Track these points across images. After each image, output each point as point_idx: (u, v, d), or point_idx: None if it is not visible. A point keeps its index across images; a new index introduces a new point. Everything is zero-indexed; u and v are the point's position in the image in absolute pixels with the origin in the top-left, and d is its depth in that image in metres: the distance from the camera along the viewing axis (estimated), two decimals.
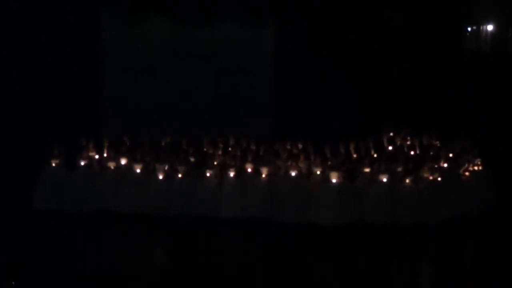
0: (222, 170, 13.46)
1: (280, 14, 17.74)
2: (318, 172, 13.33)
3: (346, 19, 17.79)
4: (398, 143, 15.20)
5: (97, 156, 13.87)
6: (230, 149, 14.46)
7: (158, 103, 17.63)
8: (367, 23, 17.92)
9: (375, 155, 14.43)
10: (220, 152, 14.20)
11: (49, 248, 11.56)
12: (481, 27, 19.47)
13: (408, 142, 15.18)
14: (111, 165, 13.55)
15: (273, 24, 17.75)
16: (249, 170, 13.45)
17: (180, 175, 13.28)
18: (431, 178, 13.34)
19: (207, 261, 11.30)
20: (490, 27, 19.39)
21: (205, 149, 14.48)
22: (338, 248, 12.04)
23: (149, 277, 10.62)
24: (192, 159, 13.77)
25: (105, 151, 14.01)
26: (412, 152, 14.79)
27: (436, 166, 13.68)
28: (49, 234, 12.21)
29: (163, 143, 14.55)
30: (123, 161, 13.60)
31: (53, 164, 13.47)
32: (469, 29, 19.78)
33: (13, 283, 10.00)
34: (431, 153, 14.53)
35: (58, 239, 11.99)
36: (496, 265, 11.32)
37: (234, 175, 13.27)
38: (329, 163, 13.50)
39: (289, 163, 13.53)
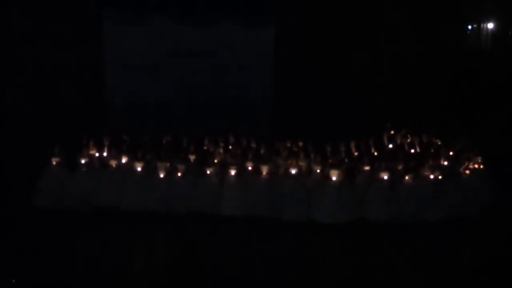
0: (222, 168, 13.47)
1: (281, 12, 17.74)
2: (318, 170, 13.36)
3: (347, 17, 17.82)
4: (399, 141, 15.24)
5: (98, 155, 13.86)
6: (230, 147, 14.49)
7: (159, 101, 17.63)
8: (367, 21, 17.95)
9: (375, 153, 14.48)
10: (220, 150, 14.22)
11: (50, 247, 11.57)
12: (481, 25, 19.42)
13: (409, 140, 15.21)
14: (112, 163, 13.57)
15: (273, 22, 17.77)
16: (250, 168, 13.49)
17: (180, 173, 13.34)
18: (431, 176, 13.37)
19: (207, 259, 11.36)
20: (490, 25, 19.38)
21: (205, 147, 14.50)
22: (338, 246, 12.13)
23: (151, 274, 10.69)
24: (192, 157, 13.80)
25: (106, 149, 14.01)
26: (412, 150, 14.84)
27: (436, 164, 13.67)
28: (50, 232, 12.23)
29: (164, 141, 14.57)
30: (124, 159, 13.63)
31: (54, 163, 13.50)
32: (469, 27, 19.75)
33: (13, 281, 10.06)
34: (432, 151, 14.48)
35: (59, 237, 12.03)
36: (496, 263, 11.42)
37: (235, 174, 13.30)
38: (329, 161, 13.52)
39: (289, 161, 13.57)
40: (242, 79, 17.82)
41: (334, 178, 13.16)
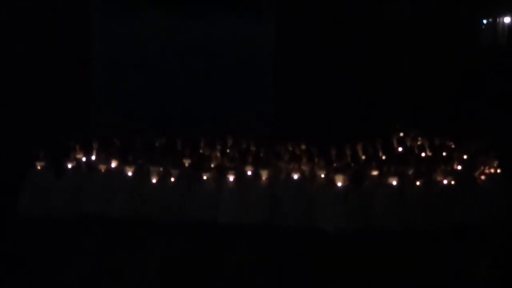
0: (219, 173, 13.42)
1: (282, 7, 17.88)
2: (322, 175, 13.29)
3: (352, 12, 18.03)
4: (409, 143, 15.21)
5: (85, 159, 13.81)
6: (228, 150, 14.44)
7: (151, 101, 17.61)
8: (375, 16, 18.21)
9: (383, 157, 14.43)
10: (217, 154, 14.16)
11: (35, 258, 11.52)
12: (497, 20, 19.53)
13: (419, 143, 15.17)
14: (101, 168, 13.50)
15: (274, 17, 17.96)
16: (249, 172, 13.41)
17: (174, 179, 13.31)
18: (444, 181, 13.33)
19: (203, 271, 11.26)
20: (507, 20, 19.49)
21: (201, 151, 14.46)
22: (343, 256, 12.02)
23: (141, 286, 10.70)
24: (187, 161, 13.68)
25: (95, 152, 13.97)
26: (423, 154, 14.79)
27: (449, 168, 13.66)
28: (35, 242, 12.17)
29: (156, 144, 14.54)
30: (114, 164, 13.54)
31: (39, 167, 13.40)
32: (484, 21, 19.85)
33: None
34: (444, 154, 14.49)
35: (45, 247, 11.96)
36: None
37: (233, 179, 13.24)
38: (334, 165, 13.47)
39: (291, 165, 13.53)
40: (241, 76, 17.95)
41: (339, 184, 13.09)
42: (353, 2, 17.94)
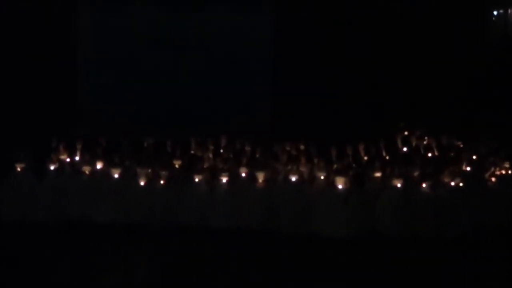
0: (212, 175, 13.28)
1: (281, 4, 17.80)
2: (322, 177, 13.16)
3: (354, 3, 17.92)
4: (414, 143, 15.11)
5: (69, 160, 13.71)
6: (222, 151, 14.34)
7: (140, 98, 17.57)
8: (377, 9, 18.04)
9: (387, 158, 14.30)
10: (210, 155, 14.07)
11: (14, 266, 11.26)
12: (509, 11, 19.55)
13: (425, 142, 15.07)
14: (86, 169, 13.39)
15: (272, 10, 17.76)
16: (244, 174, 13.30)
17: (164, 181, 13.13)
18: (452, 183, 13.16)
19: (194, 278, 11.05)
20: None
21: (193, 151, 14.35)
22: (344, 264, 11.78)
23: None
24: (178, 163, 13.63)
25: (79, 153, 13.88)
26: (429, 154, 14.68)
27: (457, 169, 13.52)
28: (14, 248, 11.93)
29: (145, 144, 14.47)
30: (99, 165, 13.43)
31: (19, 169, 13.25)
32: (495, 13, 19.84)
33: None
34: (452, 155, 14.44)
35: (26, 254, 11.72)
36: None
37: (226, 181, 13.13)
38: (335, 166, 13.35)
39: (289, 167, 13.41)
40: (236, 73, 17.76)
41: (340, 186, 12.93)
42: None
